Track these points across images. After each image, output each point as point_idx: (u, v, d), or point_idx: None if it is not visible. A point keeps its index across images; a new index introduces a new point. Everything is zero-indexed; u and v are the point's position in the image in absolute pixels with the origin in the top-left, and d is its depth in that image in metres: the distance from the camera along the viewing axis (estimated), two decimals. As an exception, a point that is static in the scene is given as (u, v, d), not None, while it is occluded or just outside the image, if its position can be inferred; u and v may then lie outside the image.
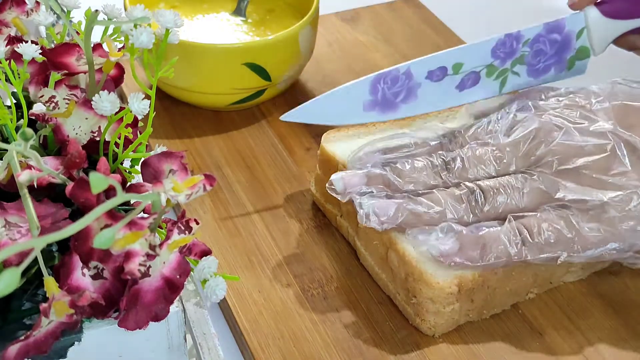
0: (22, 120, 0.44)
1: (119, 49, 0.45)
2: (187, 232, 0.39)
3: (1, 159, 0.41)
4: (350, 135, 0.60)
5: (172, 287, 0.38)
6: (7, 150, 0.39)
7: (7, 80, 0.44)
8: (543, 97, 0.57)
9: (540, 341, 0.53)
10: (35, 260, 0.37)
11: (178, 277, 0.38)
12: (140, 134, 0.45)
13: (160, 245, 0.37)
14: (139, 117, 0.44)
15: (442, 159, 0.54)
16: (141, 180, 0.42)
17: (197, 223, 0.40)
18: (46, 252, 0.39)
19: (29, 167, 0.40)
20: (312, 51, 0.71)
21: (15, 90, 0.44)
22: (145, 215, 0.38)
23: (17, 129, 0.44)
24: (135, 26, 0.45)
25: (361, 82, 0.58)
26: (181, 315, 0.43)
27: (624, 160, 0.52)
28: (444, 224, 0.50)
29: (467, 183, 0.52)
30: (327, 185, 0.55)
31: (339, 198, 0.54)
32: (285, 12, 0.75)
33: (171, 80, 0.68)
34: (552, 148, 0.52)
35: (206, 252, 0.42)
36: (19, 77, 0.44)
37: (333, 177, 0.54)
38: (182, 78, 0.67)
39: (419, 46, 0.81)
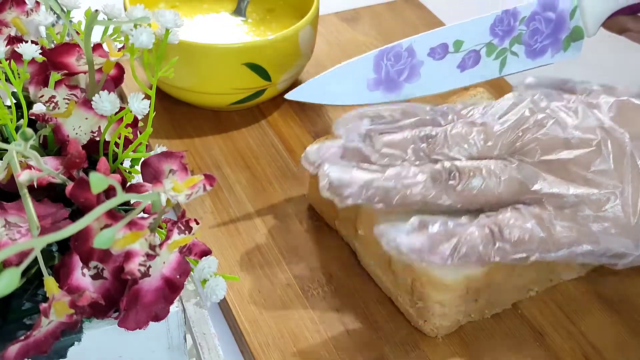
0: (22, 120, 0.44)
1: (119, 49, 0.45)
2: (187, 232, 0.39)
3: (1, 159, 0.41)
4: None
5: (172, 287, 0.38)
6: (7, 150, 0.39)
7: (7, 80, 0.44)
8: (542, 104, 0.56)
9: (540, 341, 0.53)
10: (35, 260, 0.37)
11: (178, 277, 0.38)
12: (140, 134, 0.45)
13: (160, 245, 0.38)
14: (139, 117, 0.44)
15: (425, 133, 0.51)
16: (141, 180, 0.42)
17: (197, 223, 0.40)
18: (46, 252, 0.39)
19: (29, 167, 0.40)
20: (312, 51, 0.71)
21: (15, 90, 0.44)
22: (145, 215, 0.38)
23: (17, 129, 0.44)
24: (135, 26, 0.45)
25: (365, 58, 0.58)
26: (181, 315, 0.43)
27: (607, 158, 0.50)
28: (414, 219, 0.48)
29: (445, 162, 0.50)
30: (302, 156, 0.53)
31: (309, 169, 0.52)
32: (285, 12, 0.75)
33: (171, 80, 0.68)
34: (537, 136, 0.50)
35: (206, 252, 0.42)
36: (19, 77, 0.44)
37: (308, 148, 0.53)
38: (182, 78, 0.67)
39: (419, 46, 0.81)
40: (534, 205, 0.49)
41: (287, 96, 0.59)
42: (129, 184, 0.44)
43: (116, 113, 0.43)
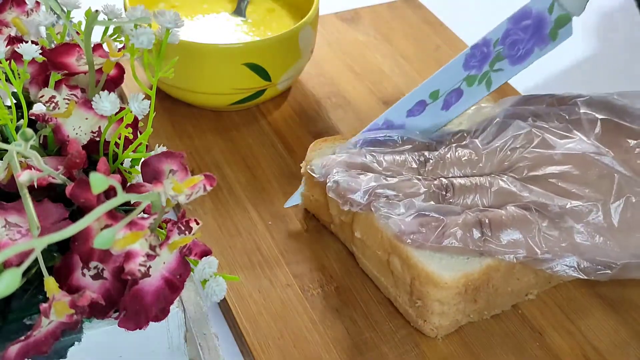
0: (22, 120, 0.44)
1: (119, 49, 0.45)
2: (187, 232, 0.39)
3: (1, 159, 0.41)
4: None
5: (172, 287, 0.38)
6: (7, 150, 0.39)
7: (7, 80, 0.44)
8: (543, 106, 0.58)
9: (540, 341, 0.53)
10: (36, 260, 0.37)
11: (178, 277, 0.38)
12: (140, 134, 0.45)
13: (161, 245, 0.38)
14: (139, 117, 0.44)
15: (424, 157, 0.55)
16: (141, 181, 0.42)
17: (197, 223, 0.40)
18: (46, 252, 0.39)
19: (29, 167, 0.40)
20: (312, 51, 0.71)
21: (15, 90, 0.44)
22: (146, 216, 0.38)
23: (17, 129, 0.44)
24: (135, 26, 0.45)
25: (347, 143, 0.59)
26: (181, 315, 0.43)
27: (590, 173, 0.53)
28: (407, 200, 0.51)
29: (441, 179, 0.54)
30: (307, 167, 0.57)
31: (317, 178, 0.55)
32: (285, 12, 0.75)
33: (171, 81, 0.68)
34: (525, 155, 0.54)
35: (206, 252, 0.42)
36: (19, 77, 0.44)
37: (314, 161, 0.56)
38: (182, 78, 0.67)
39: (419, 46, 0.81)
40: (523, 209, 0.52)
41: (286, 205, 0.61)
42: (129, 184, 0.44)
43: (116, 113, 0.43)
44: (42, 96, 0.44)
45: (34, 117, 0.43)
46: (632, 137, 0.55)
